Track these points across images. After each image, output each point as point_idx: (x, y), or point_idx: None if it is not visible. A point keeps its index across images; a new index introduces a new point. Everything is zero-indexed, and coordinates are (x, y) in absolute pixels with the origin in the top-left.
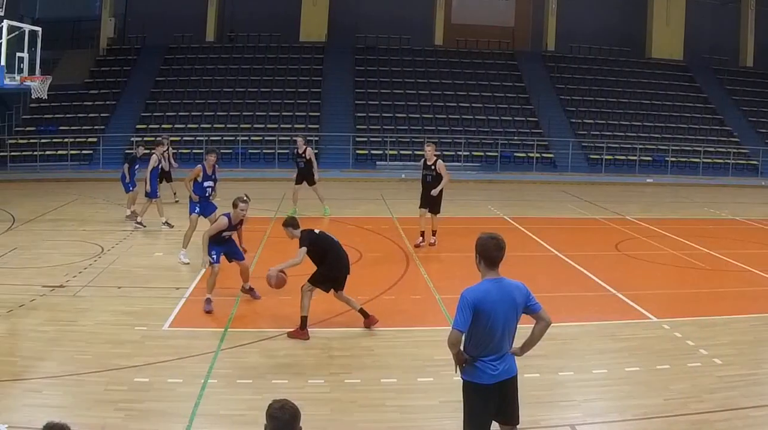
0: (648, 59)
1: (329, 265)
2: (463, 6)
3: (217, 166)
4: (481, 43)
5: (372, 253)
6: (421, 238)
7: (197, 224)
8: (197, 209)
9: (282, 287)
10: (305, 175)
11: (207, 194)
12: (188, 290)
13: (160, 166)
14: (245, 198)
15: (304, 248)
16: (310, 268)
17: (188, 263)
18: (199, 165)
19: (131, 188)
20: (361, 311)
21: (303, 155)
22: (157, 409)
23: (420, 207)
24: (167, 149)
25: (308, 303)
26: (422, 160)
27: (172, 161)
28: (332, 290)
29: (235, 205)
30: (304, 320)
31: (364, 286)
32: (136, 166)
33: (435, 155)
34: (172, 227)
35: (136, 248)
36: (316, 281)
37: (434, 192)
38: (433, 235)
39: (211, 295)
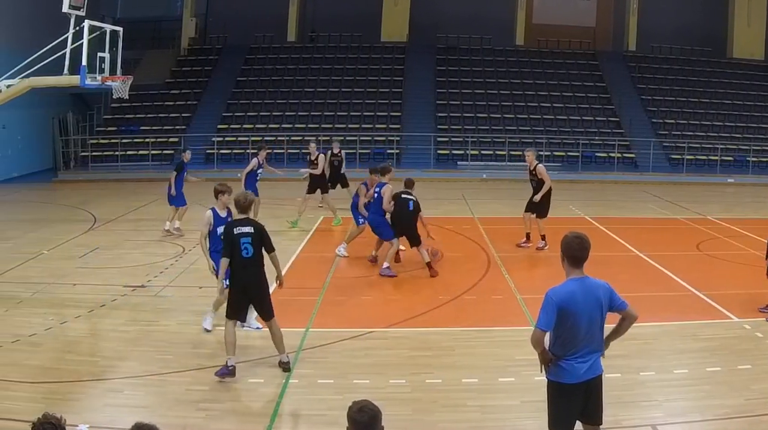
0: (729, 59)
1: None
2: (544, 6)
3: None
4: (562, 43)
5: (453, 253)
6: (525, 238)
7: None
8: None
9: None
10: (324, 183)
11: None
12: (269, 290)
13: (259, 171)
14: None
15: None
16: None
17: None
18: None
19: (173, 203)
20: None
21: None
22: (238, 409)
23: (524, 211)
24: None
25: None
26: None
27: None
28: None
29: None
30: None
31: (445, 286)
32: (185, 174)
33: (536, 161)
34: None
35: None
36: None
37: (536, 198)
38: (542, 239)
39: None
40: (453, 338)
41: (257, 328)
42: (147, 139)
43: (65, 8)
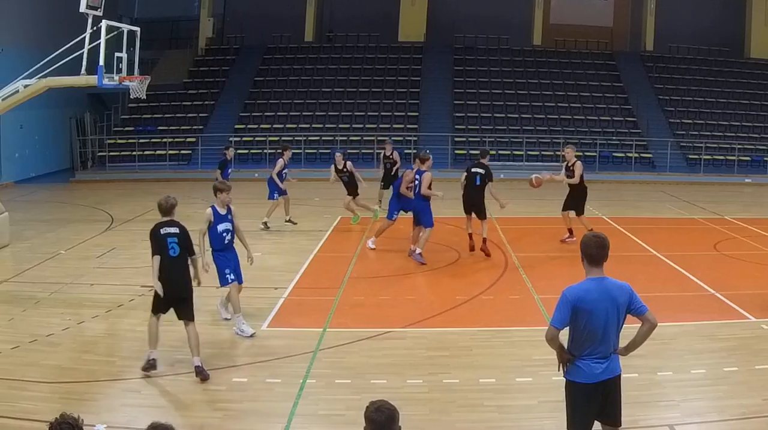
0: (746, 59)
1: None
2: (562, 6)
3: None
4: (579, 43)
5: (470, 253)
6: (568, 234)
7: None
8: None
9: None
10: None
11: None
12: (287, 290)
13: (285, 171)
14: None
15: None
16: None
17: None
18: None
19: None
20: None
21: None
22: (256, 409)
23: (562, 210)
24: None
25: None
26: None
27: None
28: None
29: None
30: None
31: (463, 285)
32: (229, 170)
33: (575, 157)
34: (269, 228)
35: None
36: None
37: (566, 181)
38: (570, 233)
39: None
40: (470, 338)
41: (251, 334)
42: (164, 140)
43: (83, 8)
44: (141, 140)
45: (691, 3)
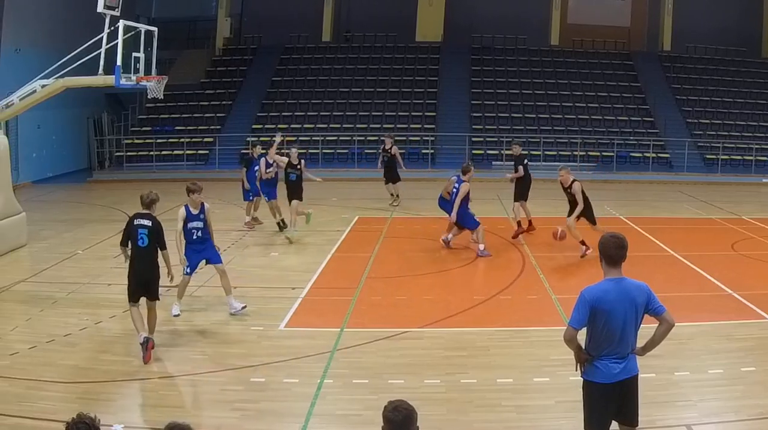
0: (764, 59)
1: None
2: (579, 6)
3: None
4: (596, 43)
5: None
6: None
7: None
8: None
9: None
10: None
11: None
12: (304, 290)
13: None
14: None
15: None
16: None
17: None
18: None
19: (250, 197)
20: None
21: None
22: (273, 409)
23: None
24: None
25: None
26: None
27: (399, 161)
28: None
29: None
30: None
31: (480, 285)
32: (256, 169)
33: (571, 178)
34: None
35: (252, 248)
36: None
37: (569, 221)
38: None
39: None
40: (488, 338)
41: (242, 307)
42: (182, 140)
43: (100, 8)
44: (158, 140)
45: (708, 3)
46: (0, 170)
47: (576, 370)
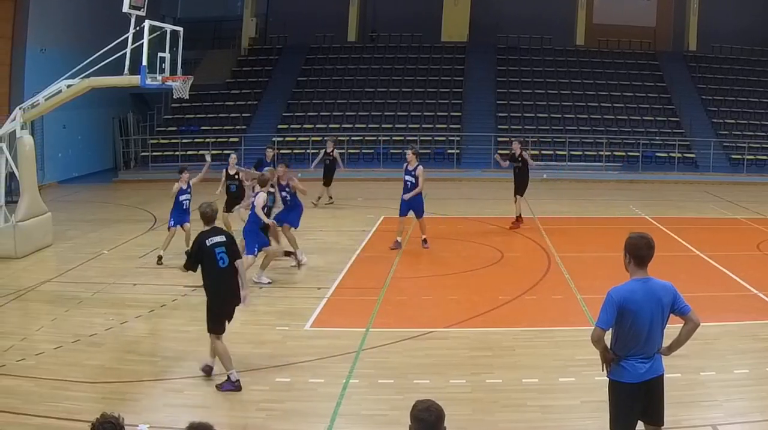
0: None
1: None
2: (605, 6)
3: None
4: (622, 43)
5: (513, 253)
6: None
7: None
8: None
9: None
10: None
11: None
12: (330, 290)
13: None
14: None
15: None
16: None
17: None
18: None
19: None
20: None
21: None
22: (298, 409)
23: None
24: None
25: None
26: None
27: (340, 162)
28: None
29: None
30: None
31: (506, 285)
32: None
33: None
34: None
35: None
36: None
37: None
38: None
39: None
40: (513, 338)
41: (267, 282)
42: (207, 140)
43: (125, 8)
44: (184, 140)
45: (733, 2)
46: (26, 170)
47: (602, 370)
